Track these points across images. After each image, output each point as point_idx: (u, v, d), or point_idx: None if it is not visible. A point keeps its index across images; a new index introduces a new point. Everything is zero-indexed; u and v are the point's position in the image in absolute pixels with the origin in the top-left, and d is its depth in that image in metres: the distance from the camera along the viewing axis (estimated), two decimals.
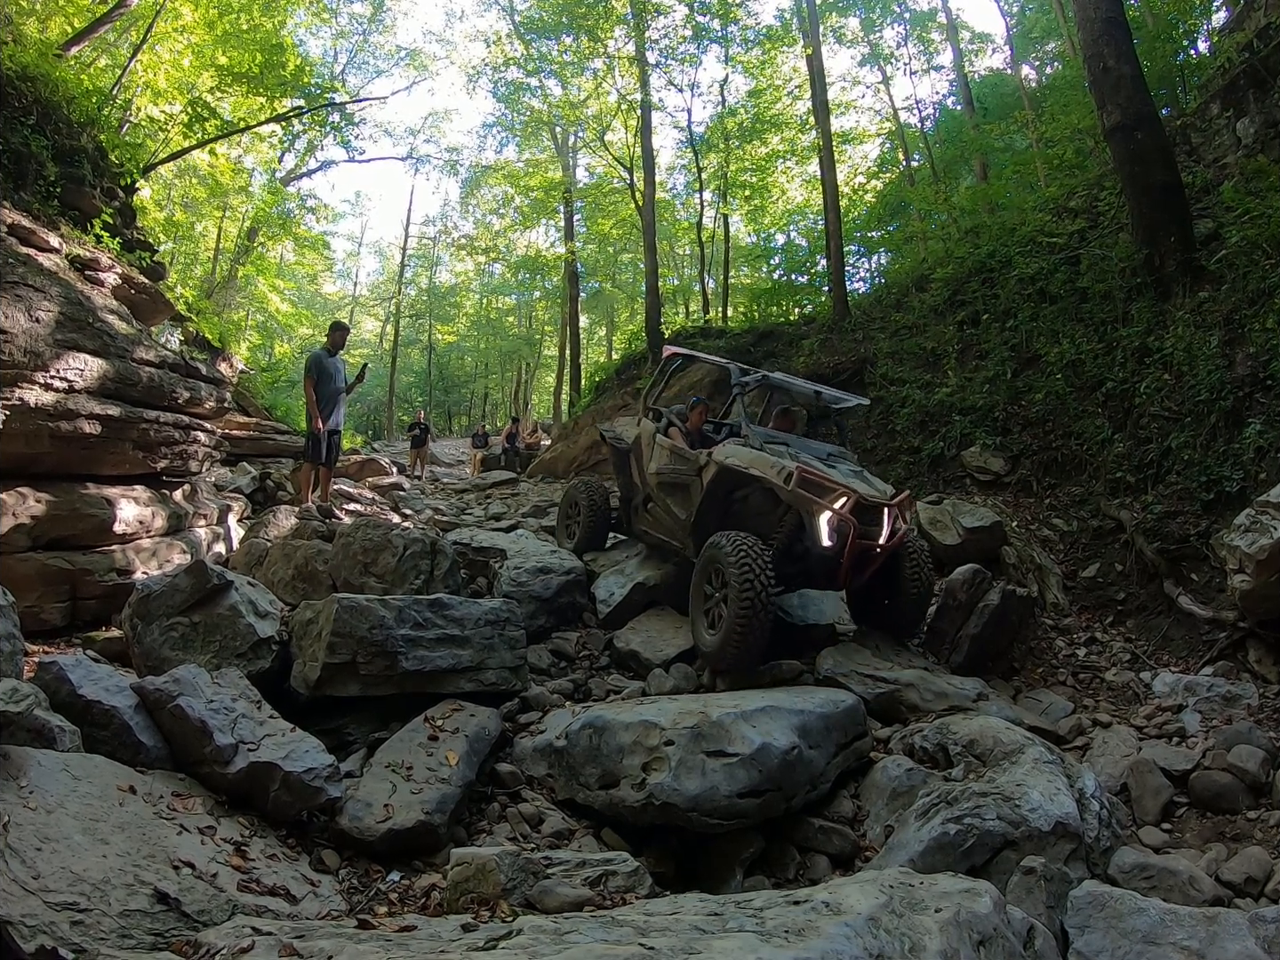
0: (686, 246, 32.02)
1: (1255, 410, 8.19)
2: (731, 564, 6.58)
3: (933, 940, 2.25)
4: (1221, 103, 12.12)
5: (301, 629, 6.10)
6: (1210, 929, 4.11)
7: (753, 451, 7.40)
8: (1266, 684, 6.57)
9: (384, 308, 53.39)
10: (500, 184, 35.73)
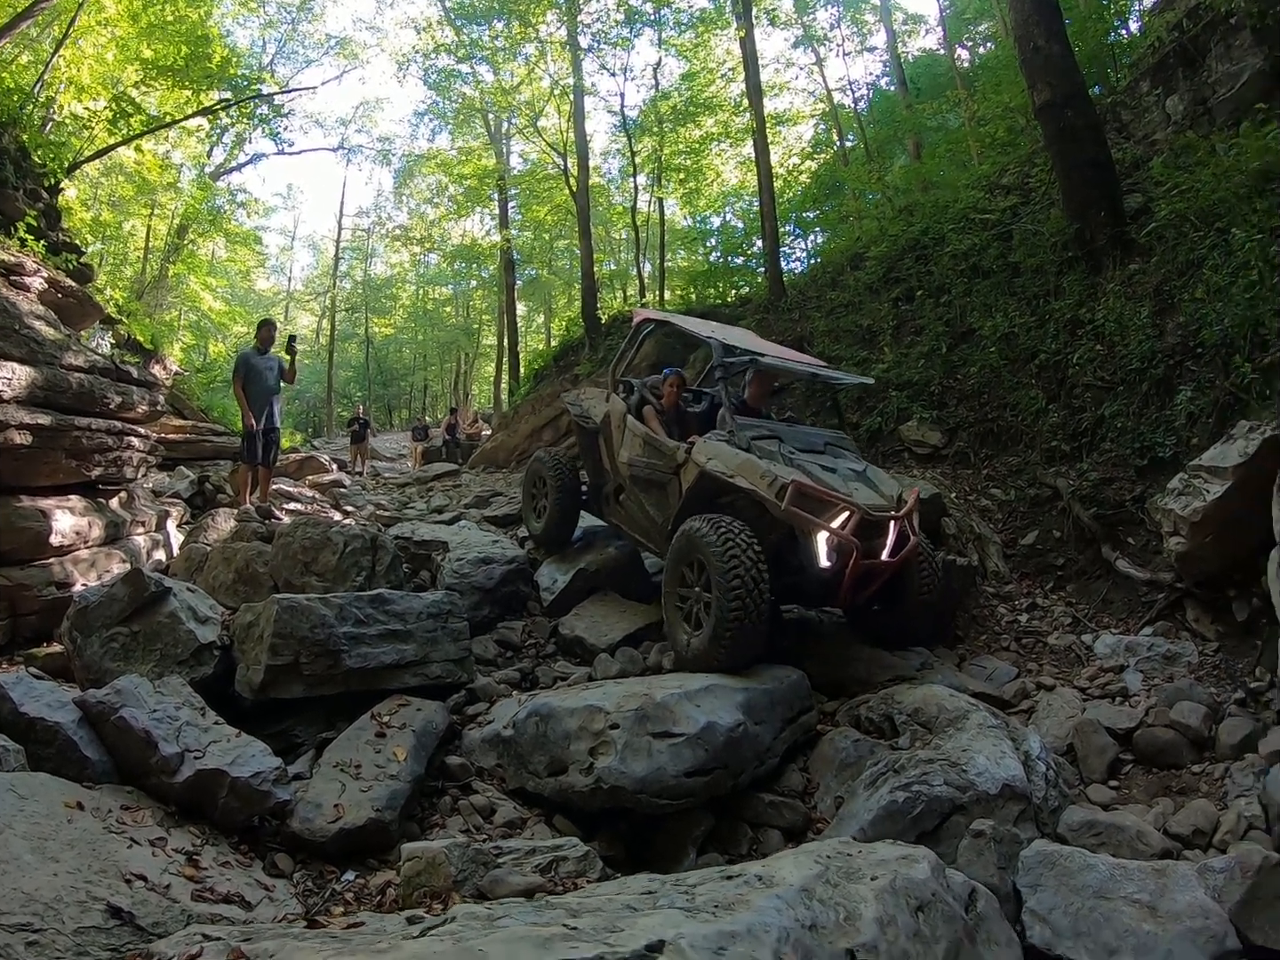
0: (622, 231, 31.81)
1: (1186, 378, 8.30)
2: (715, 549, 5.85)
3: (868, 908, 2.23)
4: (1151, 81, 12.27)
5: (243, 632, 6.00)
6: (1160, 881, 4.14)
7: (739, 454, 6.48)
8: (1205, 642, 6.68)
9: (319, 302, 52.69)
10: (434, 173, 35.45)
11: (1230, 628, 6.65)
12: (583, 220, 22.63)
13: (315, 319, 55.05)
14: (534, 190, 30.16)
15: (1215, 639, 6.67)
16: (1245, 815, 4.84)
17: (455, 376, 53.61)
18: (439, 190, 37.08)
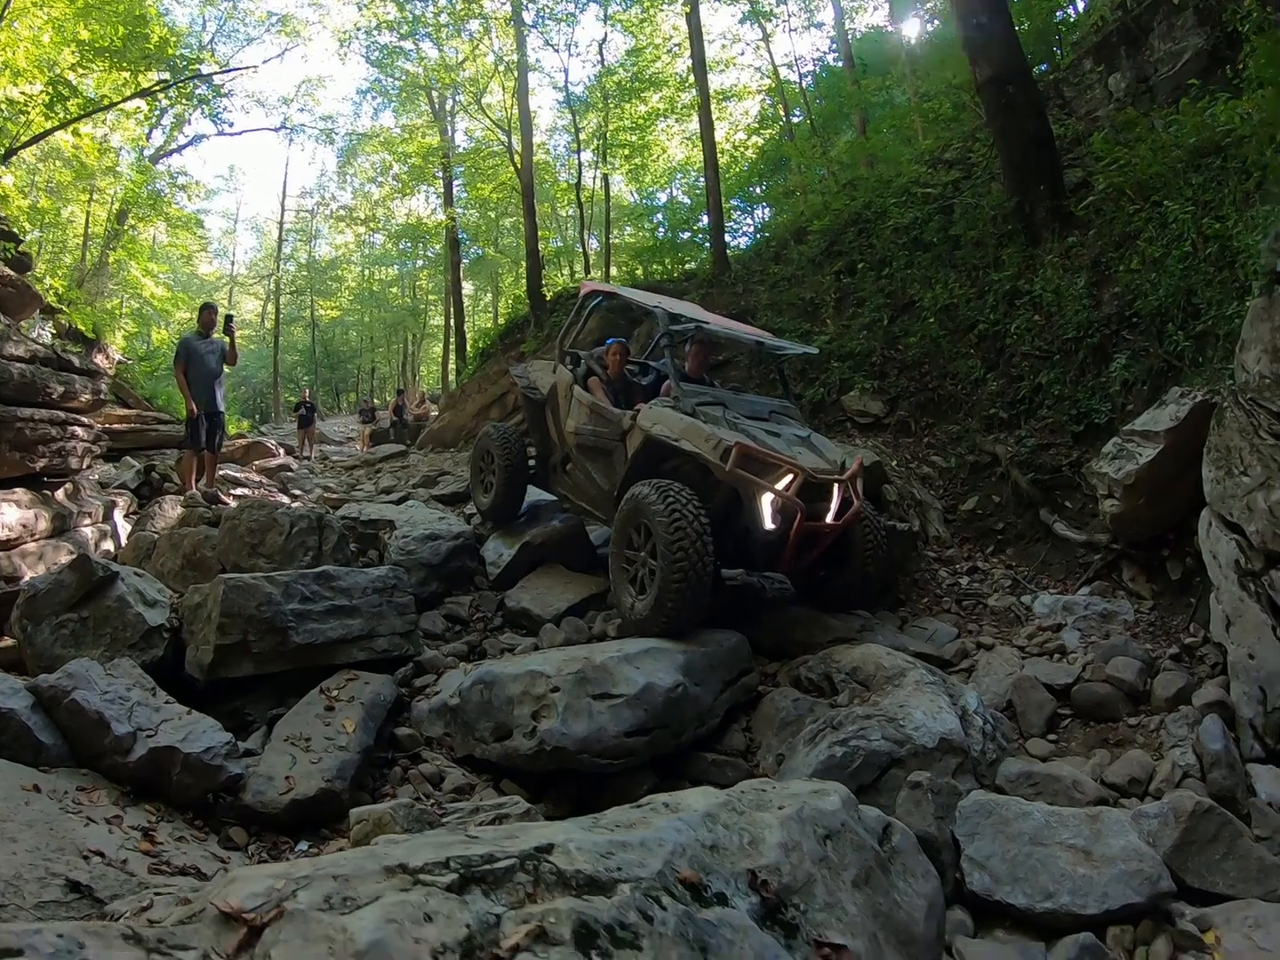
0: (568, 208, 31.60)
1: (1121, 346, 8.44)
2: (659, 513, 5.83)
3: (772, 834, 2.22)
4: (1095, 58, 12.40)
5: (191, 614, 5.98)
6: (1094, 827, 4.19)
7: (684, 419, 6.47)
8: (1140, 600, 6.80)
9: (263, 286, 51.42)
10: (377, 151, 34.69)
11: (1165, 586, 6.79)
12: (527, 198, 22.39)
13: (260, 303, 53.96)
14: (479, 168, 29.68)
15: (1150, 597, 6.79)
16: (1180, 764, 4.94)
17: (403, 358, 53.06)
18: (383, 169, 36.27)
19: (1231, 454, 5.61)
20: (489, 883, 1.65)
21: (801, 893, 2.11)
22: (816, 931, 2.03)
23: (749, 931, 1.85)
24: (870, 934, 2.16)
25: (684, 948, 1.66)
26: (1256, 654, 5.22)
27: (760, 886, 2.05)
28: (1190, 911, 4.01)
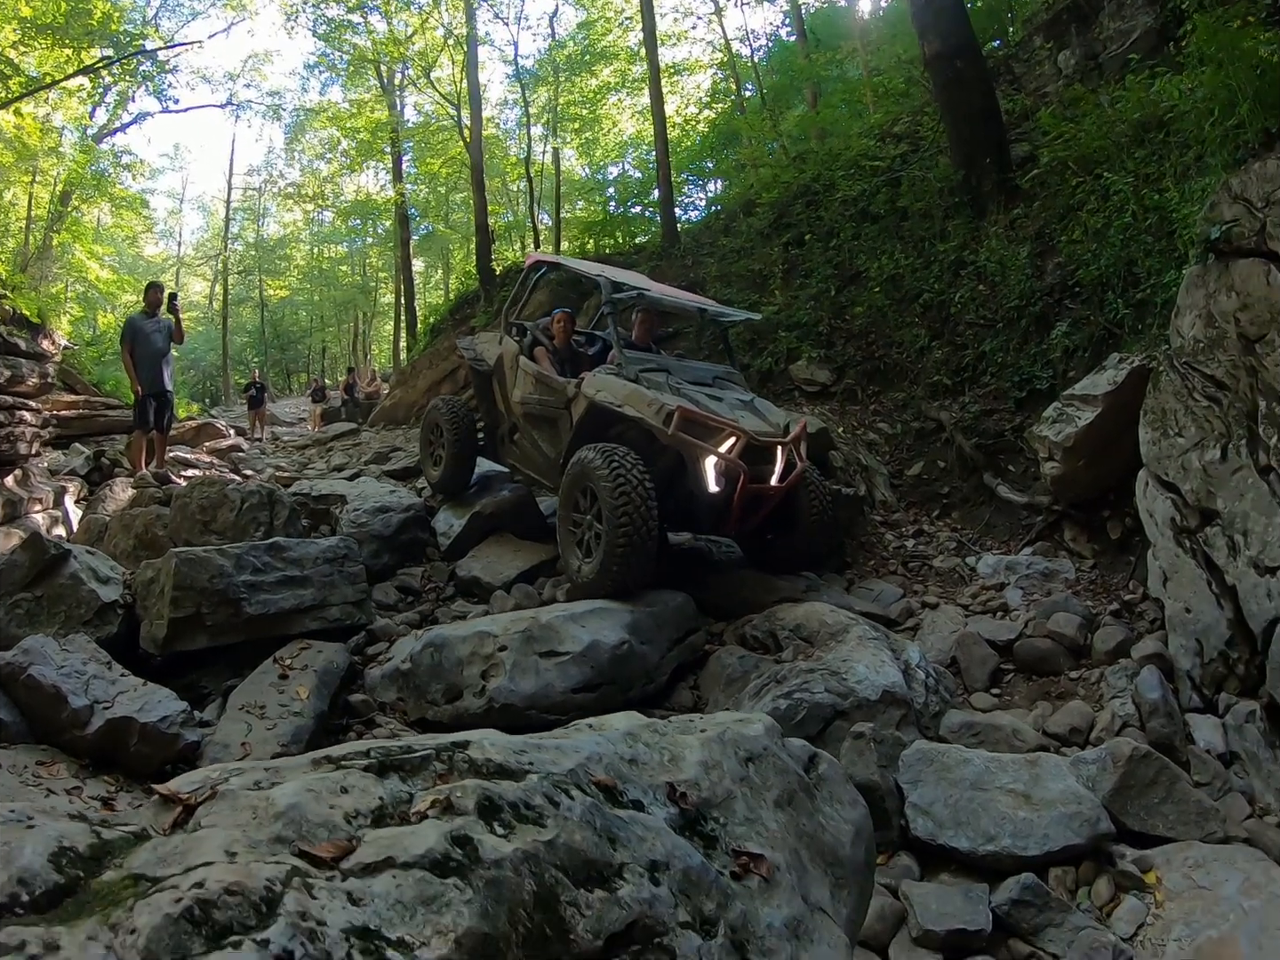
0: (518, 182, 31.27)
1: (1063, 314, 8.58)
2: (604, 477, 5.89)
3: (693, 753, 2.24)
4: (1045, 35, 12.50)
5: (144, 589, 5.95)
6: (1033, 771, 4.27)
7: (627, 385, 6.52)
8: (1081, 559, 6.92)
9: (211, 266, 50.39)
10: (326, 127, 34.07)
11: (1105, 546, 6.91)
12: (477, 173, 22.18)
13: (207, 284, 52.71)
14: (428, 143, 29.37)
15: (1091, 556, 6.92)
16: (1119, 714, 5.04)
17: (353, 336, 52.36)
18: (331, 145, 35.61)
19: (1167, 416, 5.73)
20: (406, 770, 1.72)
21: (721, 808, 2.14)
22: (736, 844, 2.06)
23: (662, 832, 1.88)
24: (791, 849, 2.19)
25: (590, 832, 1.70)
26: (1193, 608, 5.33)
27: (679, 799, 2.07)
28: (1131, 853, 4.10)
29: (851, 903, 2.35)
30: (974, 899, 3.80)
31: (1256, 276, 5.16)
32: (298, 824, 1.47)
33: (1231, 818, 4.38)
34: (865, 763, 4.38)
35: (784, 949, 1.87)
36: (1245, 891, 3.76)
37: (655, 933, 1.65)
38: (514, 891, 1.47)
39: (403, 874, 1.39)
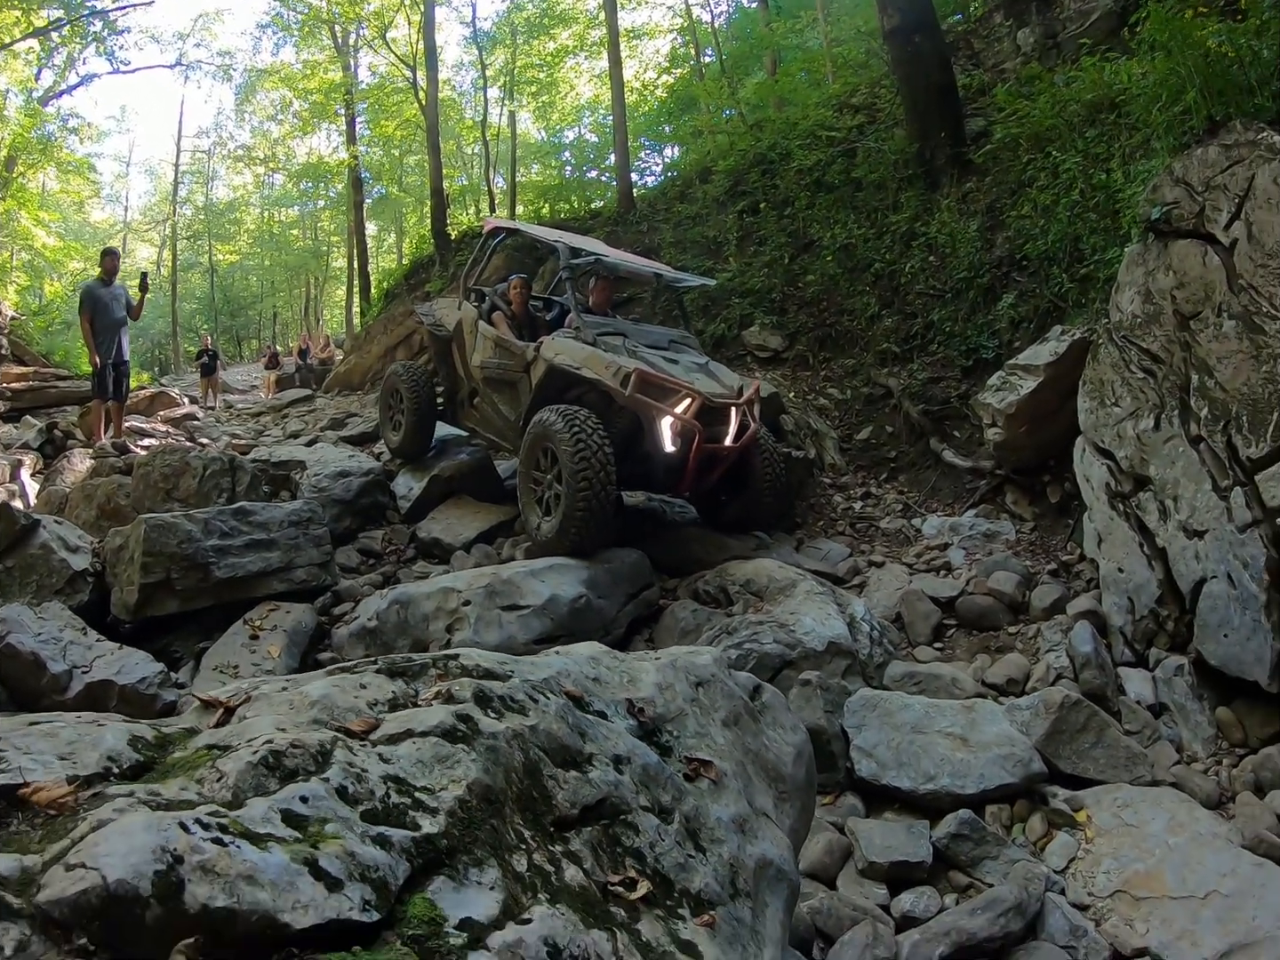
0: (474, 145, 30.93)
1: (1010, 286, 8.79)
2: (564, 439, 6.00)
3: (649, 675, 2.46)
4: (1005, 12, 12.60)
5: (114, 556, 6.07)
6: (970, 716, 4.50)
7: (585, 348, 6.68)
8: (1021, 521, 7.18)
9: (159, 231, 48.87)
10: (277, 88, 33.19)
11: (1044, 509, 7.19)
12: (432, 135, 21.88)
13: (155, 249, 50.90)
14: (383, 105, 28.75)
15: (1031, 519, 7.19)
16: (1054, 666, 5.29)
17: (305, 302, 51.39)
18: (283, 106, 34.79)
19: (1104, 386, 5.99)
20: (409, 674, 2.05)
21: (674, 722, 2.36)
22: (688, 753, 2.29)
23: (624, 734, 2.15)
24: (738, 761, 2.41)
25: (564, 725, 1.99)
26: (1125, 568, 5.59)
27: (637, 713, 2.29)
28: (1063, 793, 4.36)
29: (794, 814, 2.58)
30: (915, 834, 4.03)
31: (1193, 257, 5.40)
32: (329, 709, 1.77)
33: (1160, 764, 4.66)
34: (812, 708, 4.59)
35: (731, 840, 2.12)
36: (1170, 829, 4.02)
37: (621, 810, 1.93)
38: (508, 758, 1.76)
39: (421, 740, 1.70)
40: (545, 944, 1.41)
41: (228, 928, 1.15)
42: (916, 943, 3.47)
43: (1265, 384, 4.89)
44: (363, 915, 1.28)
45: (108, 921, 1.08)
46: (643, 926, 1.71)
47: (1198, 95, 5.59)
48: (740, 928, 1.95)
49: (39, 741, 1.50)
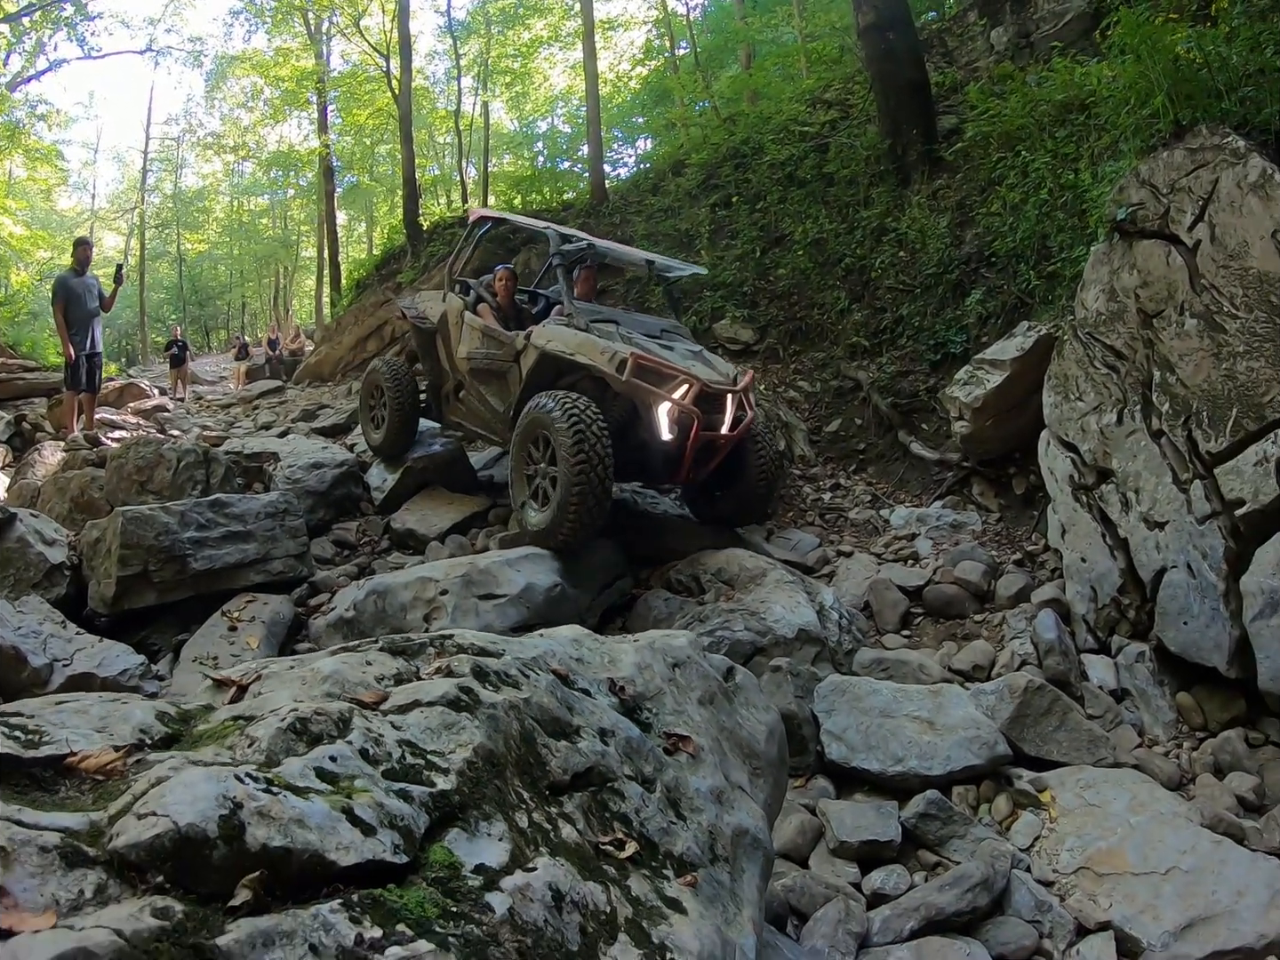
0: (446, 135, 30.67)
1: (978, 283, 8.92)
2: (561, 427, 5.76)
3: (628, 656, 2.59)
4: (980, 11, 12.66)
5: (91, 549, 6.07)
6: (936, 700, 4.61)
7: (578, 334, 6.52)
8: (988, 513, 7.32)
9: (127, 220, 47.90)
10: (248, 75, 32.88)
11: (1010, 501, 7.34)
12: (405, 124, 21.71)
13: (123, 238, 49.75)
14: (355, 93, 28.45)
15: (997, 510, 7.33)
16: (1019, 653, 5.43)
17: (275, 292, 50.55)
18: (254, 94, 34.43)
19: (1069, 381, 6.14)
20: (408, 653, 2.18)
21: (653, 700, 2.49)
22: (667, 729, 2.42)
23: (608, 709, 2.29)
24: (714, 738, 2.54)
25: (554, 699, 2.14)
26: (1088, 558, 5.74)
27: (618, 691, 2.42)
28: (1027, 774, 4.50)
29: (767, 789, 2.71)
30: (885, 814, 4.14)
31: (1157, 257, 5.55)
32: (340, 684, 1.90)
33: (1122, 746, 4.81)
34: (783, 693, 4.69)
35: (709, 809, 2.25)
36: (1132, 809, 4.16)
37: (608, 778, 2.07)
38: (506, 727, 1.91)
39: (428, 710, 1.84)
40: (550, 889, 1.57)
41: (284, 865, 1.30)
42: (887, 918, 3.58)
43: (1225, 381, 5.04)
44: (394, 857, 1.43)
45: (180, 862, 1.21)
46: (632, 883, 1.84)
47: (1165, 99, 5.69)
48: (720, 889, 2.07)
49: (73, 718, 1.62)
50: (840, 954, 3.40)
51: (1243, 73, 5.58)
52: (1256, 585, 4.68)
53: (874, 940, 3.52)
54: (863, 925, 3.54)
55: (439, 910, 1.38)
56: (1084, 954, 3.61)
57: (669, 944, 1.74)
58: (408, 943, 1.27)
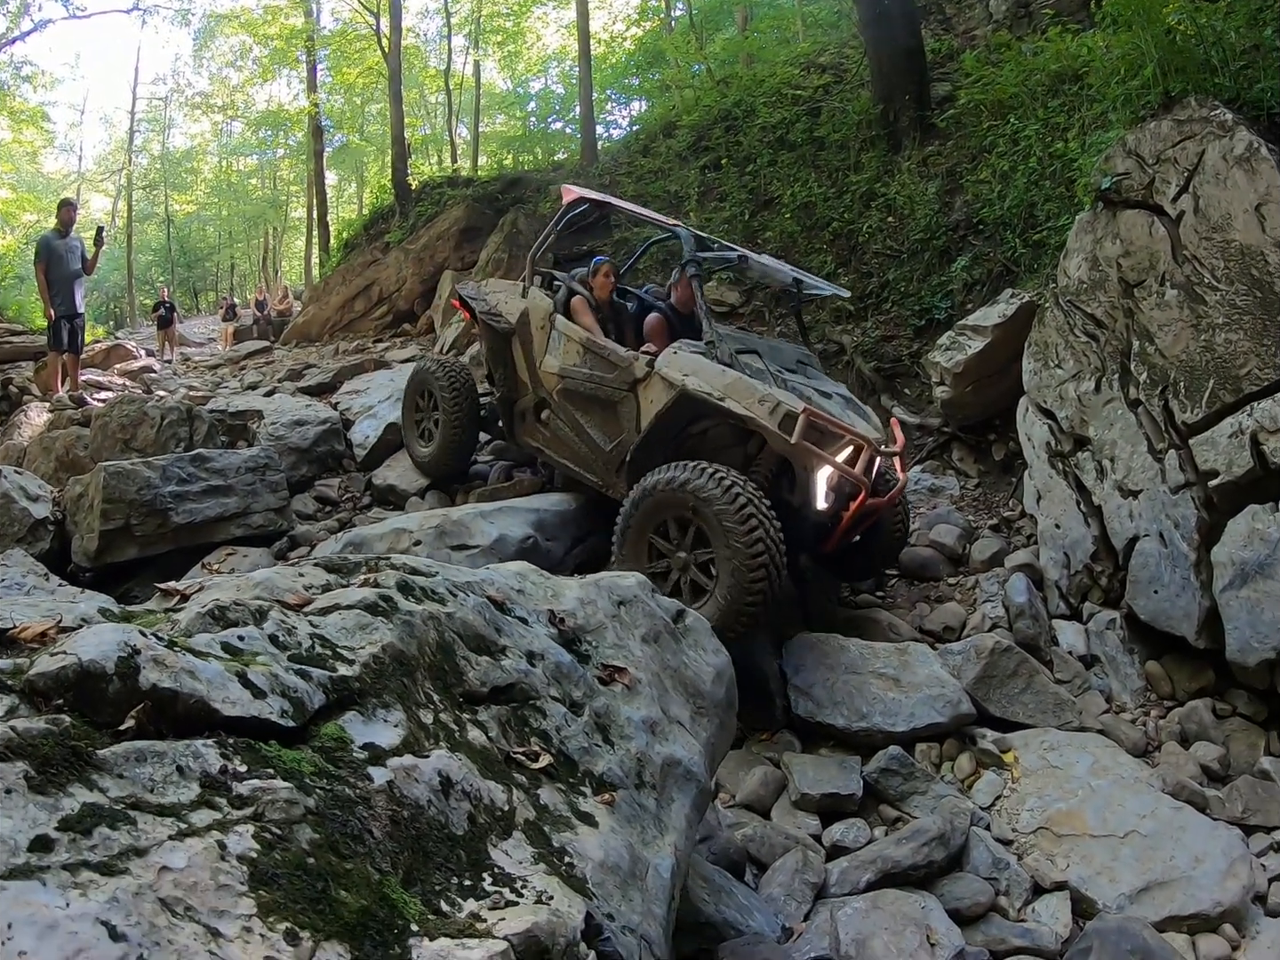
0: (437, 94, 30.38)
1: (965, 250, 8.92)
2: (724, 511, 4.62)
3: (572, 591, 2.66)
4: None
5: (74, 505, 6.18)
6: (903, 658, 4.68)
7: (725, 372, 5.17)
8: (966, 478, 7.37)
9: (114, 181, 47.14)
10: (237, 33, 32.15)
11: (989, 466, 7.40)
12: (394, 83, 21.40)
13: (110, 200, 49.03)
14: (344, 51, 27.89)
15: (976, 476, 7.39)
16: (990, 616, 5.49)
17: (263, 253, 49.86)
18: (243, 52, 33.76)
19: (1049, 349, 6.18)
20: (343, 571, 2.27)
21: (594, 634, 2.57)
22: (605, 661, 2.49)
23: (540, 635, 2.37)
24: (654, 674, 2.60)
25: (480, 619, 2.22)
26: (1062, 524, 5.78)
27: (558, 622, 2.49)
28: (991, 734, 4.58)
29: (711, 729, 2.76)
30: (847, 768, 4.21)
31: (1140, 227, 5.57)
32: (270, 589, 2.00)
33: (1088, 712, 4.89)
34: (757, 649, 4.73)
35: (640, 737, 2.32)
36: (1094, 772, 4.25)
37: (531, 696, 2.15)
38: (422, 633, 2.00)
39: (346, 612, 1.94)
40: (439, 775, 1.66)
41: (171, 705, 1.43)
42: (845, 869, 3.65)
43: (1203, 352, 5.07)
44: (281, 720, 1.55)
45: (80, 691, 1.37)
46: (543, 793, 1.91)
47: (1156, 70, 5.69)
48: (642, 812, 2.14)
49: (24, 610, 1.75)
50: (797, 903, 3.47)
51: (1239, 48, 5.57)
52: (1227, 556, 4.74)
53: (831, 891, 3.58)
54: (820, 876, 3.61)
55: (314, 769, 1.48)
56: (1039, 912, 3.69)
57: (570, 849, 1.79)
58: (268, 779, 1.39)
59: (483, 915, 1.46)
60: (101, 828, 1.17)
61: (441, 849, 1.56)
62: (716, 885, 3.05)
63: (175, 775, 1.32)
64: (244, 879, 1.21)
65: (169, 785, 1.30)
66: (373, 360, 12.77)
